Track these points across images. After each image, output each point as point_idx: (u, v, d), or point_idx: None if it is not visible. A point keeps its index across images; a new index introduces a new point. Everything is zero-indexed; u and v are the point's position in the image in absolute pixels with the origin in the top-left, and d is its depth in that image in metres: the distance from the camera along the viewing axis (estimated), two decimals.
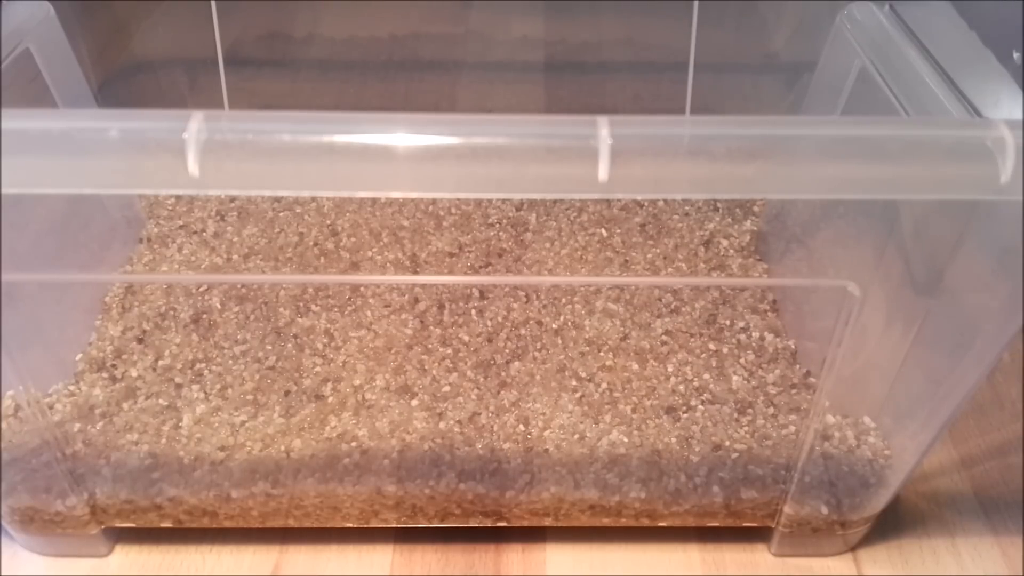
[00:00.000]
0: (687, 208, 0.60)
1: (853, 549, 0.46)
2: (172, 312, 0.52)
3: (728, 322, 0.52)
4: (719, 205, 0.60)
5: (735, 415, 0.46)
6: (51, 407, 0.46)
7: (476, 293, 0.53)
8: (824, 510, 0.44)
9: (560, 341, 0.50)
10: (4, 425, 0.43)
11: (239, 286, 0.53)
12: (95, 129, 0.29)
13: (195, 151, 0.28)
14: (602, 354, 0.50)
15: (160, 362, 0.49)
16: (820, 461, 0.44)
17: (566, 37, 0.66)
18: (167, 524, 0.45)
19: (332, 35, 0.66)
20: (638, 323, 0.52)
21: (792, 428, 0.45)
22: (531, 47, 0.66)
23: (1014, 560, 0.46)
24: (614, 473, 0.44)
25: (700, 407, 0.47)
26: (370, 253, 0.56)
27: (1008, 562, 0.46)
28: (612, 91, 0.67)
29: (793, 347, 0.50)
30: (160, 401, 0.47)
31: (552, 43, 0.66)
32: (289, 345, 0.50)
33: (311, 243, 0.57)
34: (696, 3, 0.58)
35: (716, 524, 0.45)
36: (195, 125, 0.28)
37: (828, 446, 0.44)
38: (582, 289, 0.53)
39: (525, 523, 0.45)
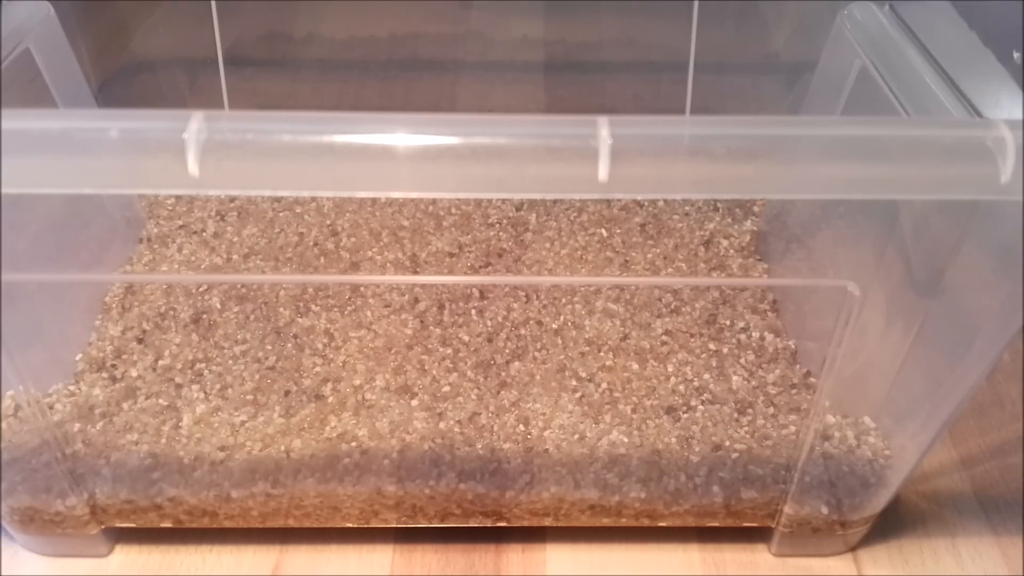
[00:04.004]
0: (687, 208, 0.60)
1: (853, 549, 0.46)
2: (172, 312, 0.52)
3: (728, 322, 0.52)
4: (719, 205, 0.60)
5: (735, 415, 0.46)
6: (51, 407, 0.46)
7: (476, 293, 0.53)
8: (824, 510, 0.44)
9: (560, 341, 0.50)
10: (4, 425, 0.43)
11: (239, 286, 0.53)
12: (95, 129, 0.29)
13: (195, 151, 0.28)
14: (602, 354, 0.50)
15: (160, 362, 0.49)
16: (820, 461, 0.44)
17: (566, 37, 0.66)
18: (167, 524, 0.45)
19: (332, 35, 0.66)
20: (638, 323, 0.52)
21: (792, 428, 0.45)
22: (531, 47, 0.66)
23: (1014, 560, 0.46)
24: (614, 473, 0.44)
25: (700, 407, 0.47)
26: (370, 253, 0.56)
27: (1008, 562, 0.46)
28: (612, 91, 0.67)
29: (793, 347, 0.50)
30: (160, 401, 0.47)
31: (552, 43, 0.66)
32: (289, 345, 0.50)
33: (311, 243, 0.57)
34: (696, 3, 0.58)
35: (716, 524, 0.45)
36: (195, 125, 0.28)
37: (828, 446, 0.44)
38: (582, 289, 0.53)
39: (525, 523, 0.45)
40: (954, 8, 0.44)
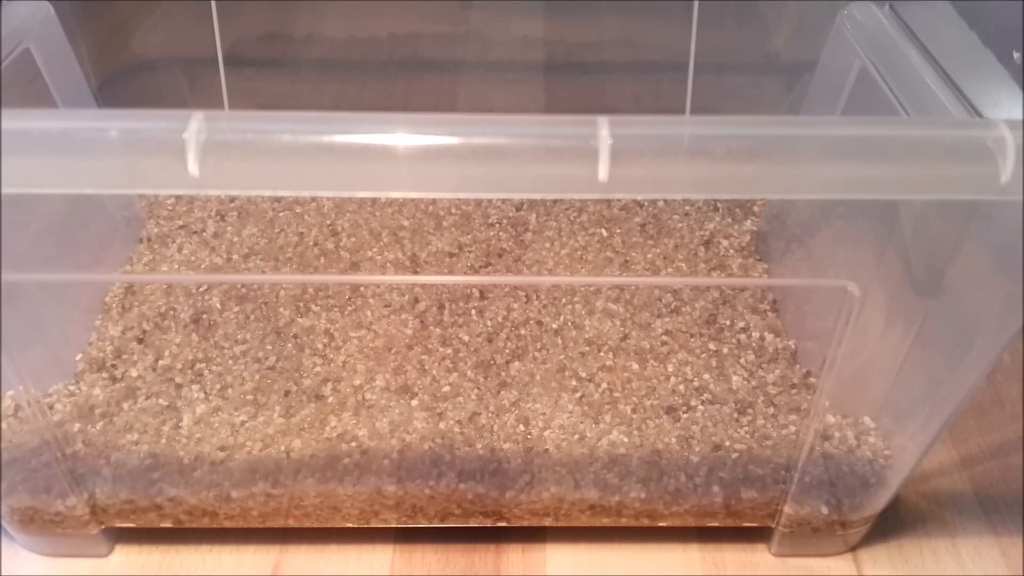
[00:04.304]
0: (687, 208, 0.60)
1: (853, 549, 0.46)
2: (172, 312, 0.52)
3: (728, 322, 0.52)
4: (719, 205, 0.60)
5: (735, 415, 0.46)
6: (51, 407, 0.46)
7: (476, 293, 0.53)
8: (824, 510, 0.44)
9: (560, 341, 0.50)
10: (4, 425, 0.43)
11: (239, 286, 0.53)
12: (95, 129, 0.29)
13: (195, 151, 0.28)
14: (602, 354, 0.50)
15: (160, 362, 0.49)
16: (820, 461, 0.44)
17: (566, 37, 0.66)
18: (167, 524, 0.45)
19: (332, 35, 0.66)
20: (638, 323, 0.52)
21: (792, 428, 0.45)
22: (531, 47, 0.66)
23: (1014, 560, 0.46)
24: (614, 473, 0.44)
25: (700, 407, 0.47)
26: (370, 253, 0.56)
27: (1008, 562, 0.46)
28: (612, 91, 0.67)
29: (793, 347, 0.50)
30: (160, 401, 0.47)
31: (552, 43, 0.66)
32: (289, 345, 0.50)
33: (311, 243, 0.57)
34: (696, 3, 0.58)
35: (716, 524, 0.45)
36: (195, 125, 0.28)
37: (828, 446, 0.44)
38: (582, 289, 0.53)
39: (525, 523, 0.45)
40: (954, 8, 0.44)
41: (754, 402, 0.47)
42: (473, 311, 0.52)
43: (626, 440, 0.45)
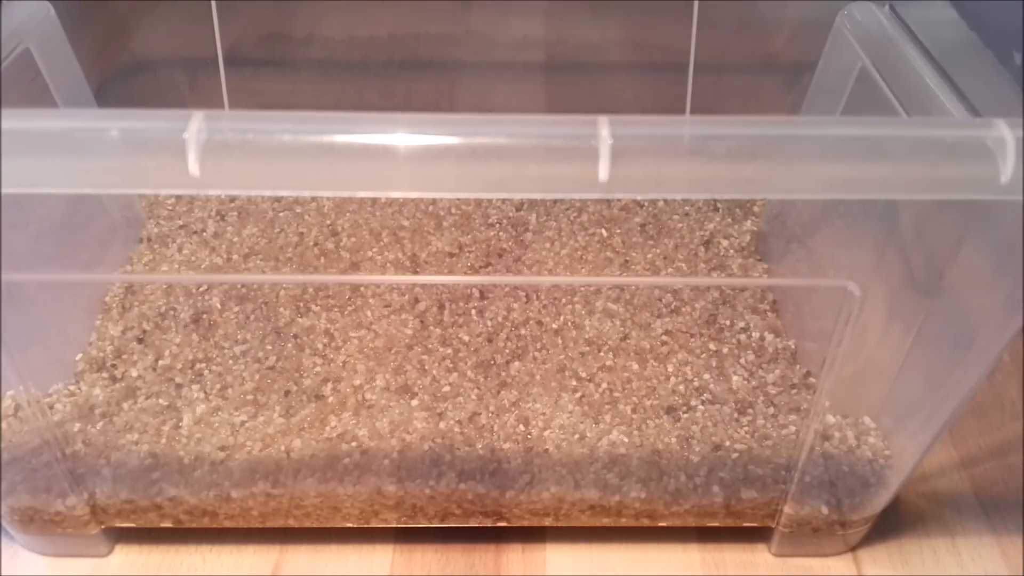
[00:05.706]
0: (687, 208, 0.60)
1: (853, 549, 0.46)
2: (172, 312, 0.52)
3: (728, 322, 0.52)
4: (719, 205, 0.60)
5: (735, 415, 0.46)
6: (51, 407, 0.46)
7: (476, 293, 0.53)
8: (824, 510, 0.44)
9: (560, 341, 0.50)
10: (4, 425, 0.43)
11: (239, 286, 0.53)
12: (95, 129, 0.29)
13: (195, 151, 0.28)
14: (602, 354, 0.50)
15: (160, 362, 0.49)
16: (820, 461, 0.44)
17: (566, 37, 0.66)
18: (167, 524, 0.45)
19: (332, 35, 0.66)
20: (638, 323, 0.52)
21: (792, 428, 0.45)
22: (531, 47, 0.66)
23: (1014, 560, 0.46)
24: (614, 473, 0.44)
25: (700, 407, 0.47)
26: (370, 253, 0.56)
27: (1008, 562, 0.46)
28: (612, 91, 0.67)
29: (793, 347, 0.50)
30: (160, 401, 0.47)
31: (552, 43, 0.66)
32: (289, 345, 0.50)
33: (311, 243, 0.57)
34: (696, 3, 0.58)
35: (716, 524, 0.45)
36: (195, 125, 0.28)
37: (828, 446, 0.44)
38: (582, 289, 0.53)
39: (525, 523, 0.45)
40: (954, 8, 0.44)
41: (754, 402, 0.47)
42: (473, 311, 0.52)
43: (626, 440, 0.45)
